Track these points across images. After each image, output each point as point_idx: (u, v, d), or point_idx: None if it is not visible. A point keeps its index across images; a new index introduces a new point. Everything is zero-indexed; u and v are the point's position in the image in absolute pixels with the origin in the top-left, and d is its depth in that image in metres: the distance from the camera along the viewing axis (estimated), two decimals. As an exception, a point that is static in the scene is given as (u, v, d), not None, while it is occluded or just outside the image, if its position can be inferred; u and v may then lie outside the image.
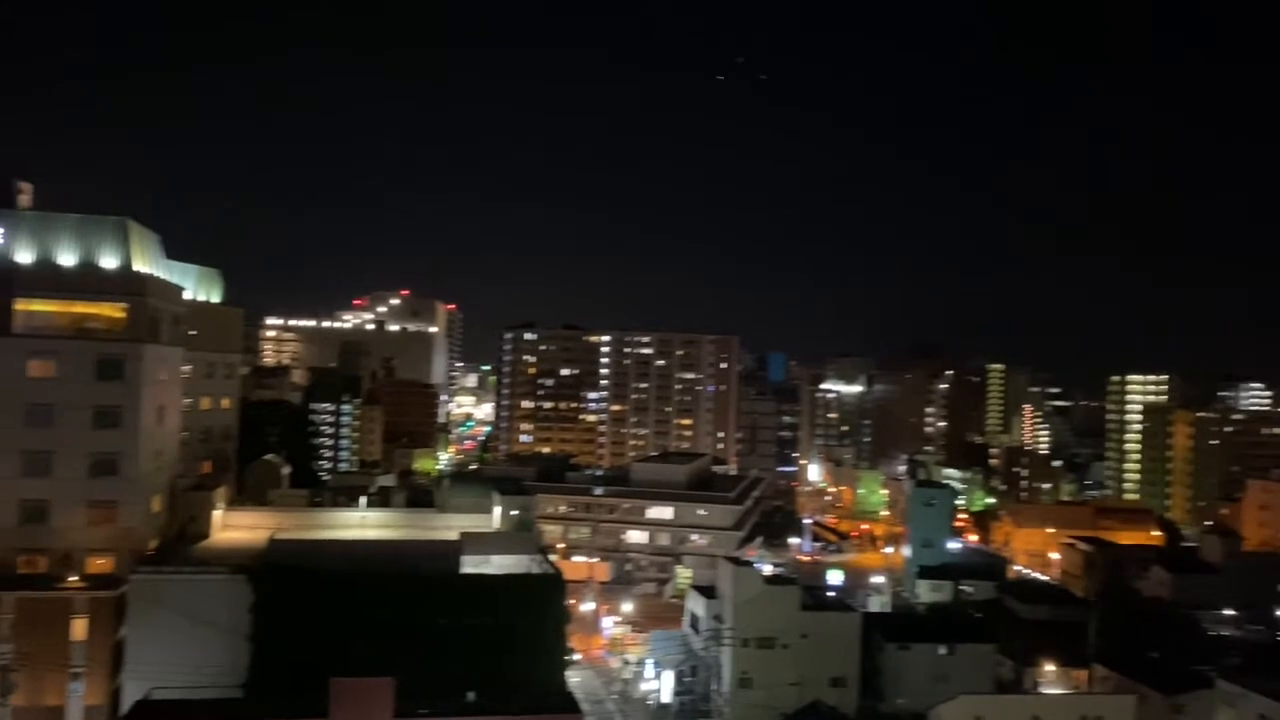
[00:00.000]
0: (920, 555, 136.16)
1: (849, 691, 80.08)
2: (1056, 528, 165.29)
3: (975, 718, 67.43)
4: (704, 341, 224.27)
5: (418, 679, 52.57)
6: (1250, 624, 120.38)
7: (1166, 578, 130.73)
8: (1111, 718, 69.30)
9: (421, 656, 57.52)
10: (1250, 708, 72.88)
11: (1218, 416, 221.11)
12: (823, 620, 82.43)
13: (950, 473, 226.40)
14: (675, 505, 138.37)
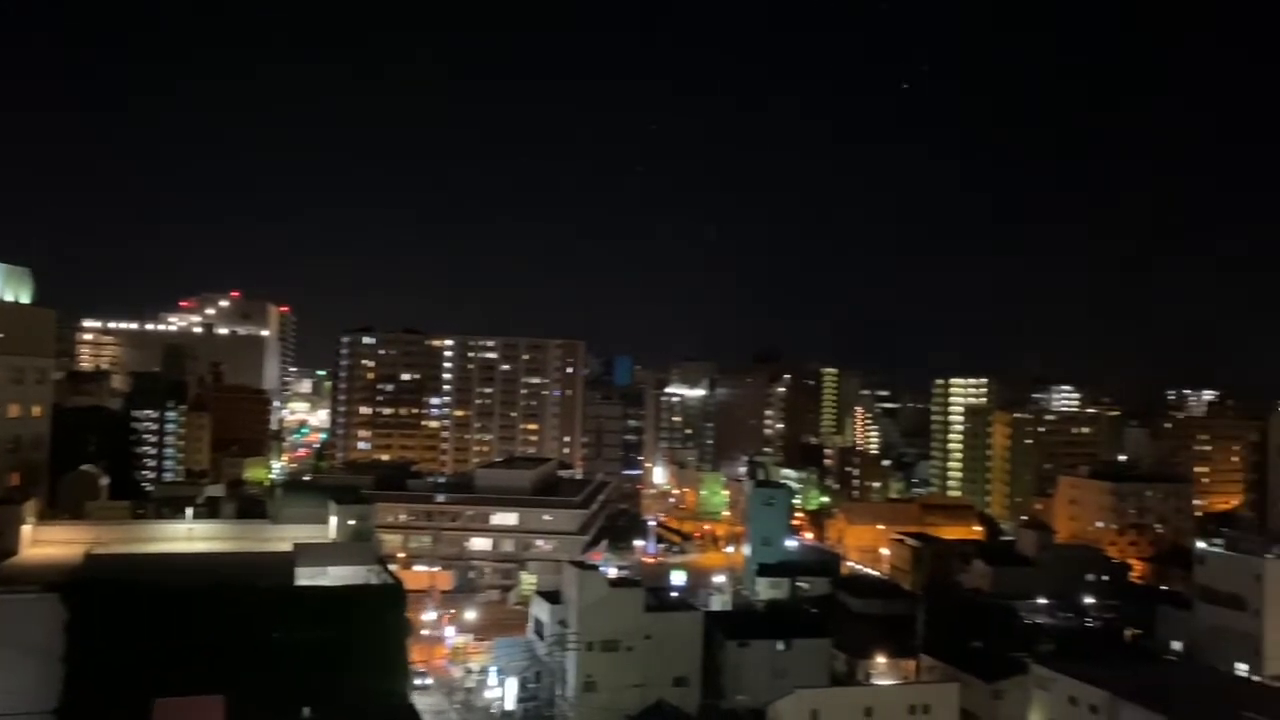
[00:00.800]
0: (759, 554, 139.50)
1: (691, 690, 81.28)
2: (886, 524, 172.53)
3: (811, 711, 69.48)
4: (550, 346, 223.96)
5: (250, 697, 50.46)
6: (1062, 612, 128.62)
7: (987, 570, 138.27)
8: (938, 706, 72.64)
9: (254, 673, 55.21)
10: (1061, 690, 77.86)
11: (1032, 417, 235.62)
12: (666, 621, 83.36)
13: (788, 473, 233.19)
14: (520, 511, 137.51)
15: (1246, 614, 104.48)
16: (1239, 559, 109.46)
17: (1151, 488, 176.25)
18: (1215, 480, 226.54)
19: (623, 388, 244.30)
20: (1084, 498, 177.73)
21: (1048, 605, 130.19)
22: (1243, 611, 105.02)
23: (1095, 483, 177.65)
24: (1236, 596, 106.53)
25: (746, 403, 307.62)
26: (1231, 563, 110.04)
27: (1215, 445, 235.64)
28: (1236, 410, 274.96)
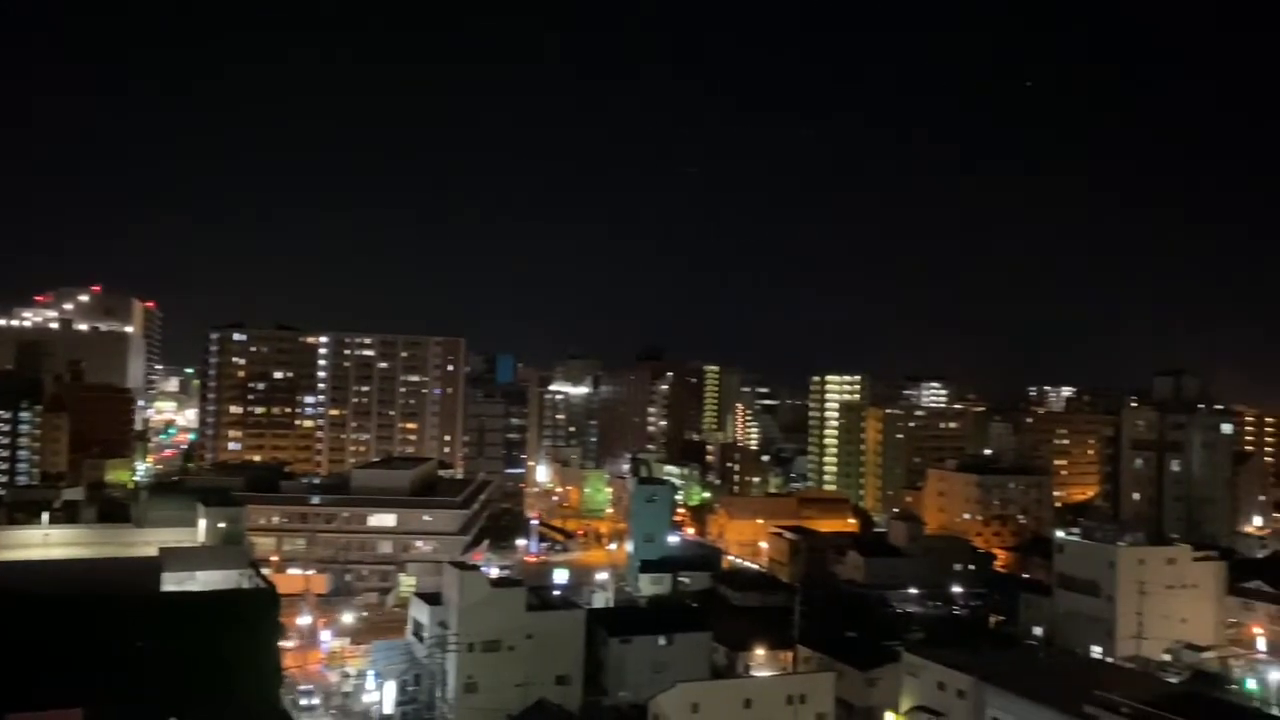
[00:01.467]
0: (642, 550, 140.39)
1: (574, 688, 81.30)
2: (765, 519, 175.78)
3: (692, 705, 70.19)
4: (429, 343, 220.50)
5: (113, 709, 48.25)
6: (931, 600, 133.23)
7: (860, 561, 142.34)
8: (814, 695, 74.27)
9: (116, 684, 52.85)
10: (930, 676, 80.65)
11: (903, 413, 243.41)
12: (548, 620, 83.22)
13: (671, 470, 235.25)
14: (399, 512, 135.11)
15: (1101, 599, 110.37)
16: (1094, 547, 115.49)
17: (1014, 480, 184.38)
18: (1073, 472, 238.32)
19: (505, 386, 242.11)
20: (951, 490, 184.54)
21: (918, 594, 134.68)
22: (1097, 597, 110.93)
23: (962, 476, 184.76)
24: (1092, 583, 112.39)
25: (630, 400, 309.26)
26: (1087, 551, 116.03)
27: (1073, 439, 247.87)
28: (1092, 406, 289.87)
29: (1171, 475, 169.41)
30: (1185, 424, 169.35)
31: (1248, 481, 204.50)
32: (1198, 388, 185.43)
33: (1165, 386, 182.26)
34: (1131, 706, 61.18)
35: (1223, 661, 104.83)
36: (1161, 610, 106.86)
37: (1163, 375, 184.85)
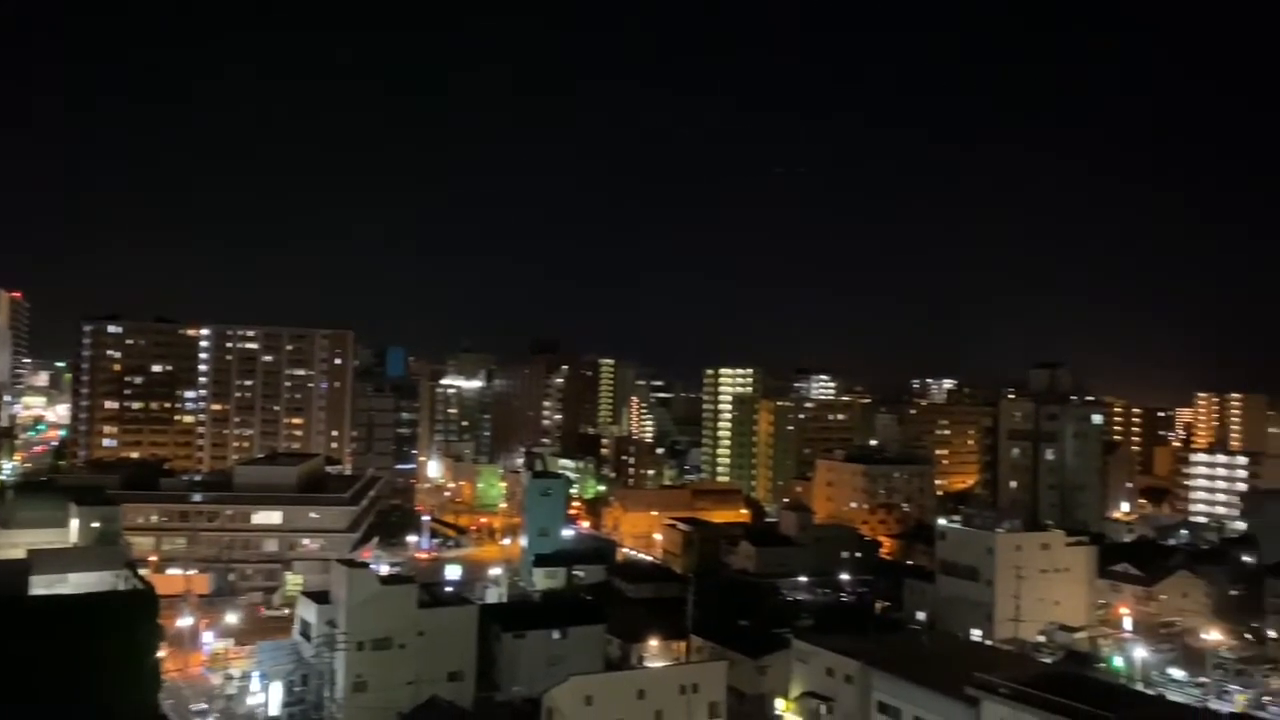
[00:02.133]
0: (536, 544, 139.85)
1: (466, 685, 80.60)
2: (660, 510, 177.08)
3: (585, 697, 70.26)
4: (316, 336, 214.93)
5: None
6: (820, 588, 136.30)
7: (752, 551, 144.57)
8: (706, 684, 75.19)
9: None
10: (819, 662, 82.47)
11: (793, 405, 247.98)
12: (440, 616, 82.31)
13: (566, 463, 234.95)
14: (284, 509, 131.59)
15: (980, 584, 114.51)
16: (974, 534, 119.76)
17: (899, 470, 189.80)
18: (954, 462, 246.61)
19: (396, 379, 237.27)
20: (840, 480, 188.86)
21: (808, 582, 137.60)
22: (977, 582, 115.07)
23: (849, 466, 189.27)
24: (972, 568, 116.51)
25: (524, 394, 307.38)
26: (968, 538, 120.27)
27: (954, 430, 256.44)
28: (972, 397, 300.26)
29: (1046, 464, 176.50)
30: (1059, 415, 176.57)
31: (1116, 470, 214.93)
32: (1071, 380, 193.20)
33: (1040, 379, 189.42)
34: (1009, 686, 63.56)
35: (1093, 641, 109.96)
36: (1037, 593, 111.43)
37: (1038, 368, 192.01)
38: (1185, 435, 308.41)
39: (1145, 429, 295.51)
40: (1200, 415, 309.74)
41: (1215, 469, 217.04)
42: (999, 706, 62.63)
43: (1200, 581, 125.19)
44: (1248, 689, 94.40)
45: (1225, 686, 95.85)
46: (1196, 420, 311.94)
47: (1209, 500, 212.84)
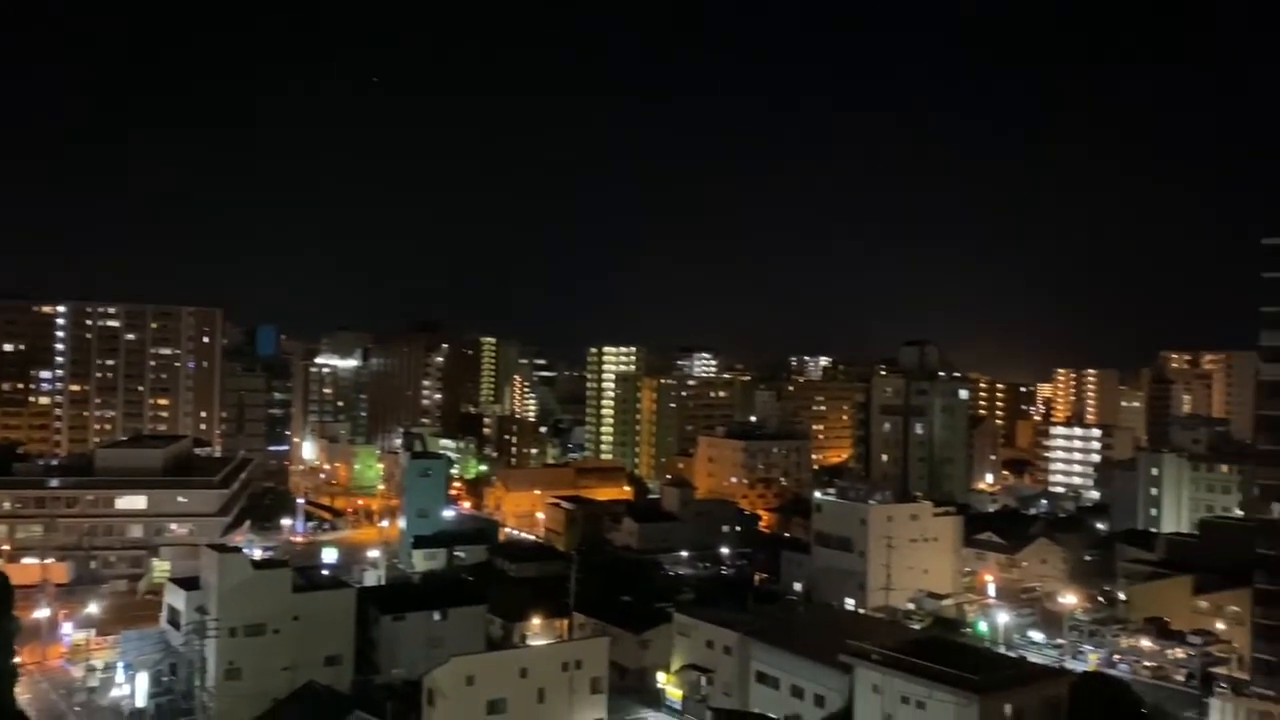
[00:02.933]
0: (416, 525, 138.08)
1: (345, 668, 79.29)
2: (543, 489, 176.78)
3: (467, 678, 69.79)
4: (182, 313, 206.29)
5: None
6: (701, 562, 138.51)
7: (635, 528, 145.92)
8: (589, 660, 75.62)
9: None
10: (700, 635, 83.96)
11: (676, 383, 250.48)
12: (316, 600, 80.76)
13: (446, 443, 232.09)
14: (150, 493, 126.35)
15: (854, 554, 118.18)
16: (848, 506, 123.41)
17: (777, 445, 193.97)
18: (829, 436, 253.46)
19: (267, 358, 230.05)
20: (720, 456, 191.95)
21: (689, 557, 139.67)
22: (851, 552, 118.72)
23: (729, 442, 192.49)
24: (846, 539, 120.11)
25: (403, 373, 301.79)
26: (842, 510, 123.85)
27: (830, 405, 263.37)
28: (847, 374, 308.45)
29: (916, 438, 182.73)
30: (928, 391, 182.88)
31: (981, 443, 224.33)
32: (939, 357, 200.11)
33: (910, 356, 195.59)
34: (880, 653, 65.80)
35: (959, 607, 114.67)
36: (907, 562, 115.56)
37: (908, 345, 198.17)
38: (1045, 410, 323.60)
39: (1008, 404, 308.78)
40: (1059, 390, 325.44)
41: (1072, 441, 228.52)
42: (871, 672, 64.80)
43: (1058, 548, 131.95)
44: (1100, 648, 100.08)
45: (1080, 647, 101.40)
46: (1055, 395, 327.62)
47: (1066, 471, 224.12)
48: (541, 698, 72.31)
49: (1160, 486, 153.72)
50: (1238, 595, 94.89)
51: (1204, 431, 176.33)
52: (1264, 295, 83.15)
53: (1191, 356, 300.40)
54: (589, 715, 74.35)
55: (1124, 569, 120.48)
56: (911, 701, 61.95)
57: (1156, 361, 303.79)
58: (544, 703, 72.32)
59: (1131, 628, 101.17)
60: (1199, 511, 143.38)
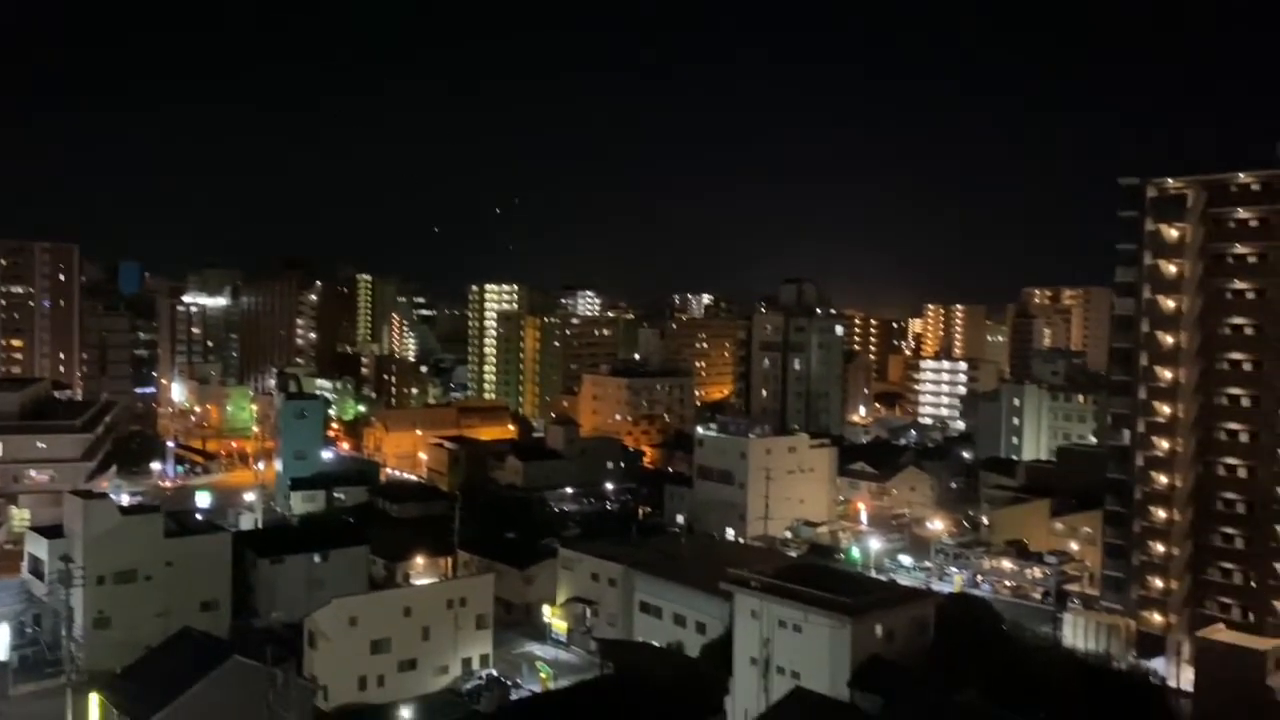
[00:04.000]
0: (292, 468, 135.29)
1: (222, 613, 77.73)
2: (425, 429, 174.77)
3: (350, 619, 69.22)
4: (35, 249, 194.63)
5: None
6: (587, 498, 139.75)
7: (519, 466, 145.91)
8: (474, 598, 75.83)
9: None
10: (584, 569, 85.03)
11: (559, 321, 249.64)
12: (189, 545, 78.79)
13: (323, 383, 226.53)
14: (5, 439, 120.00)
15: (734, 487, 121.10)
16: (729, 441, 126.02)
17: (660, 382, 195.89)
18: (711, 373, 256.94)
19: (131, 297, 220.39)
20: (604, 393, 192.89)
21: (574, 493, 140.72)
22: (732, 485, 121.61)
23: (613, 379, 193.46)
24: (727, 472, 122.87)
25: (275, 311, 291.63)
26: (723, 444, 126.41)
27: (711, 342, 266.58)
28: (728, 311, 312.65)
29: (794, 373, 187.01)
30: (805, 327, 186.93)
31: (855, 377, 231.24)
32: (816, 294, 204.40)
33: (789, 293, 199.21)
34: (758, 580, 67.74)
35: (833, 534, 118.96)
36: (784, 493, 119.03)
37: (787, 283, 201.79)
38: (915, 344, 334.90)
39: (881, 339, 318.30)
40: (929, 325, 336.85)
41: (940, 375, 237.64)
42: (750, 599, 66.69)
43: (926, 476, 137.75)
44: (964, 570, 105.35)
45: (946, 569, 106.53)
46: (926, 330, 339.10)
47: (935, 403, 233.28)
48: (426, 635, 72.39)
49: (1021, 416, 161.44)
50: (1090, 517, 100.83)
51: (1062, 364, 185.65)
52: (1120, 233, 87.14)
53: (1053, 292, 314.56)
54: (475, 651, 74.79)
55: (987, 495, 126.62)
56: (788, 625, 64.11)
57: (1020, 297, 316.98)
58: (429, 640, 72.43)
59: (993, 550, 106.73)
60: (1057, 439, 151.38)
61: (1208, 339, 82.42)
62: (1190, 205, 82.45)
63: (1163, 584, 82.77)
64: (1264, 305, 79.06)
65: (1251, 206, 79.96)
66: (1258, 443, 79.02)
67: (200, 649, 59.51)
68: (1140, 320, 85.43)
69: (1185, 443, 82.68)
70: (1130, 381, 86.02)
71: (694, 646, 73.98)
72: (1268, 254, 78.84)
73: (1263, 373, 78.84)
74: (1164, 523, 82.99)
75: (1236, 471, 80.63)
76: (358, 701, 67.83)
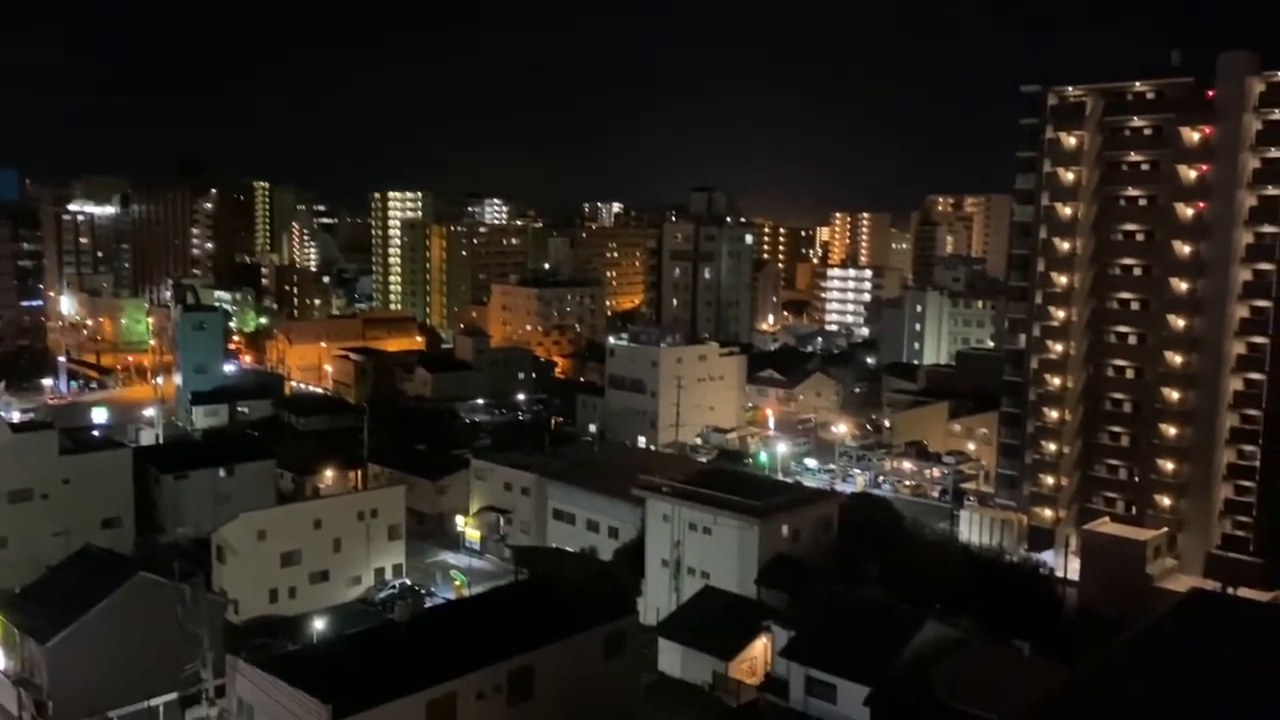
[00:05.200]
0: (193, 381, 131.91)
1: (125, 530, 76.07)
2: (329, 341, 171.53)
3: (258, 532, 68.46)
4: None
5: None
6: (498, 409, 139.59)
7: (428, 378, 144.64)
8: (385, 509, 75.55)
9: None
10: (497, 478, 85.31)
11: (466, 230, 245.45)
12: (87, 462, 76.49)
13: (221, 295, 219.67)
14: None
15: (646, 395, 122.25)
16: (640, 350, 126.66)
17: (571, 292, 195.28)
18: (622, 283, 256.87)
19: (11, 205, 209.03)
20: (514, 304, 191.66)
21: (485, 404, 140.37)
22: (643, 394, 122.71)
23: (523, 290, 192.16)
24: (639, 381, 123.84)
25: (169, 220, 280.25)
26: (634, 353, 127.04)
27: (622, 252, 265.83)
28: (639, 220, 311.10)
29: (704, 282, 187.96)
30: (715, 236, 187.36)
31: (764, 285, 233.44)
32: (726, 203, 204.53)
33: (699, 202, 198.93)
34: (669, 485, 69.02)
35: (742, 440, 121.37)
36: (695, 401, 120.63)
37: (698, 191, 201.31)
38: (823, 252, 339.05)
39: (789, 247, 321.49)
40: (836, 234, 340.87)
41: (846, 282, 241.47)
42: (661, 504, 67.99)
43: (831, 382, 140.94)
44: (867, 471, 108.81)
45: (850, 471, 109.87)
46: (833, 238, 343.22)
47: (841, 310, 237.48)
48: (338, 547, 72.12)
49: (923, 322, 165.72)
50: (987, 419, 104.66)
51: (963, 270, 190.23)
52: (1021, 141, 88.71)
53: (955, 200, 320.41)
54: (388, 561, 74.85)
55: (889, 398, 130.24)
56: (699, 528, 65.67)
57: (924, 205, 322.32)
58: (340, 552, 72.21)
59: (894, 452, 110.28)
60: (956, 344, 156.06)
61: (1101, 245, 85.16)
62: (1089, 113, 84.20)
63: (1053, 481, 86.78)
64: (1155, 212, 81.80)
65: (1146, 115, 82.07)
66: (1145, 345, 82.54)
67: (103, 566, 58.21)
68: (1038, 227, 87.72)
69: (1077, 346, 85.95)
70: (1027, 287, 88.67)
71: (607, 551, 75.31)
72: (1160, 161, 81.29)
73: (1152, 278, 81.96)
74: (1056, 422, 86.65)
75: (1125, 373, 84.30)
76: (270, 613, 67.56)
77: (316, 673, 37.41)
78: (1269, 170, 75.68)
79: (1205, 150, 78.40)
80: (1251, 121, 76.38)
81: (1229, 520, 78.10)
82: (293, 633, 62.62)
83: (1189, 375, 79.38)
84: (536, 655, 40.90)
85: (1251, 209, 76.65)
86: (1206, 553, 77.62)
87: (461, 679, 38.31)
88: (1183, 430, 79.68)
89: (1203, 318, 78.71)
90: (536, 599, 50.38)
